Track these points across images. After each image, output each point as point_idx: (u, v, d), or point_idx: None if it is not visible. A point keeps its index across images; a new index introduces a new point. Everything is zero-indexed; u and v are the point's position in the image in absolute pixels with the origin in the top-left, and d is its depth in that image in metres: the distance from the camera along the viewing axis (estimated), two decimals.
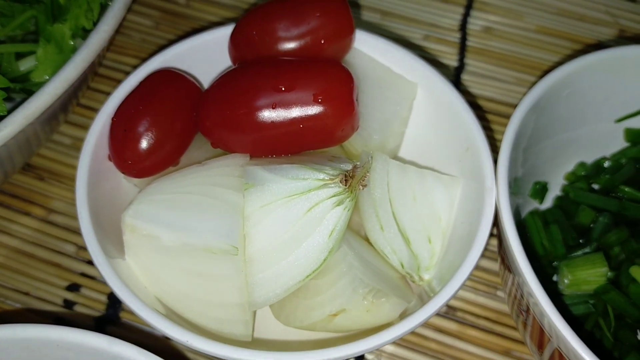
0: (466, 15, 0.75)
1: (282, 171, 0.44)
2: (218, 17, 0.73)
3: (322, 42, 0.50)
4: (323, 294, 0.44)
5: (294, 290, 0.44)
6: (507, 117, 0.67)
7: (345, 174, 0.43)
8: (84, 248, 0.58)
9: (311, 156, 0.47)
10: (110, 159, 0.48)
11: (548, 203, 0.57)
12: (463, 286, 0.46)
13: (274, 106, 0.46)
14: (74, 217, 0.60)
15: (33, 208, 0.61)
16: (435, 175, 0.50)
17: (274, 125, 0.46)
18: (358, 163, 0.44)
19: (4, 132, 0.45)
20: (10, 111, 0.48)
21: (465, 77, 0.70)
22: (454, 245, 0.48)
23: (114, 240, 0.47)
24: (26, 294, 0.57)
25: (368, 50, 0.54)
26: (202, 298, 0.45)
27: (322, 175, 0.43)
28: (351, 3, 0.73)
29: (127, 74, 0.68)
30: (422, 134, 0.54)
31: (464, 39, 0.73)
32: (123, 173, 0.48)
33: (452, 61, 0.72)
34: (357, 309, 0.43)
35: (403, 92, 0.53)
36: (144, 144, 0.46)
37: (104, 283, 0.56)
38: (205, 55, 0.54)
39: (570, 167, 0.58)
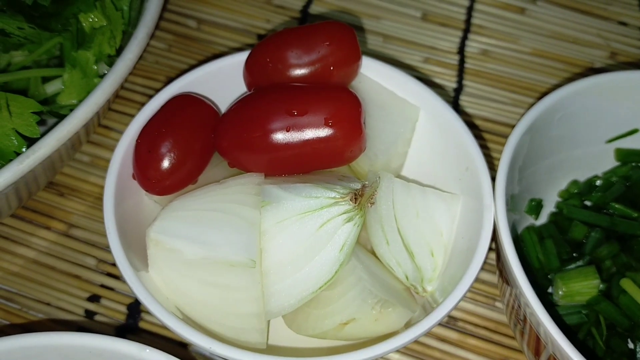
0: (464, 38, 0.79)
1: (296, 190, 0.47)
2: (228, 41, 0.77)
3: (331, 68, 0.53)
4: (334, 304, 0.47)
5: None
6: (504, 136, 0.71)
7: (355, 193, 0.46)
8: (103, 261, 0.62)
9: (322, 175, 0.51)
10: (134, 178, 0.51)
11: (543, 219, 0.61)
12: (464, 298, 0.49)
13: (287, 129, 0.49)
14: (93, 231, 0.63)
15: (53, 222, 0.64)
16: (436, 192, 0.53)
17: (287, 146, 0.49)
18: (366, 182, 0.47)
19: (38, 154, 0.48)
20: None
21: (464, 98, 0.74)
22: (455, 259, 0.51)
23: (137, 254, 0.50)
24: (47, 304, 0.60)
25: (373, 75, 0.57)
26: (219, 308, 0.48)
27: (333, 194, 0.46)
28: (354, 27, 0.77)
29: (142, 94, 0.72)
30: (424, 154, 0.57)
31: (462, 61, 0.77)
32: (146, 191, 0.51)
33: (451, 83, 0.75)
34: (366, 318, 0.46)
35: (406, 114, 0.56)
36: (167, 164, 0.50)
37: (124, 294, 0.60)
38: (220, 80, 0.57)
39: (563, 184, 0.62)
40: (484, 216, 0.49)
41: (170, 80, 0.72)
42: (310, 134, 0.49)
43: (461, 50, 0.78)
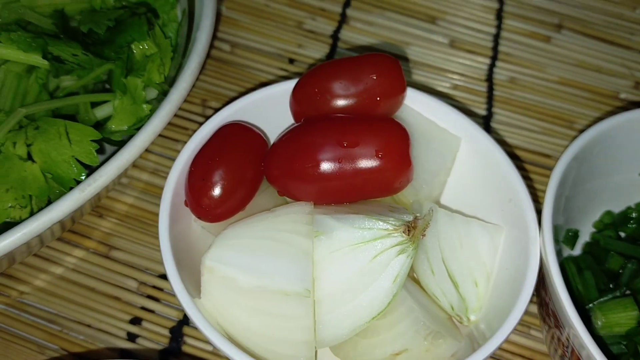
0: (492, 65, 0.80)
1: (349, 220, 0.48)
2: (262, 65, 0.78)
3: (378, 99, 0.55)
4: (384, 334, 0.48)
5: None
6: (535, 164, 0.73)
7: (408, 225, 0.48)
8: (144, 283, 0.63)
9: (371, 205, 0.52)
10: (186, 205, 0.52)
11: (577, 249, 0.62)
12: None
13: (338, 160, 0.50)
14: (132, 252, 0.64)
15: (94, 244, 0.64)
16: (480, 223, 0.54)
17: (337, 177, 0.50)
18: (418, 215, 0.49)
19: (98, 183, 0.49)
20: None
21: (494, 126, 0.75)
22: (499, 290, 0.52)
23: (188, 279, 0.50)
24: (88, 326, 0.60)
25: (415, 106, 0.59)
26: (270, 335, 0.48)
27: (386, 225, 0.47)
28: (382, 52, 0.78)
29: (178, 117, 0.73)
30: (464, 184, 0.58)
31: (490, 88, 0.78)
32: (199, 218, 0.52)
33: (480, 110, 0.76)
34: (418, 349, 0.47)
35: (448, 145, 0.57)
36: (219, 192, 0.51)
37: (166, 317, 0.60)
38: (266, 108, 0.58)
39: (597, 215, 0.63)
40: (530, 249, 0.50)
41: (204, 102, 0.73)
42: (360, 165, 0.50)
43: (489, 78, 0.79)
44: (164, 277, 0.63)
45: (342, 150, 0.50)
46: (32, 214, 0.52)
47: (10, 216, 0.50)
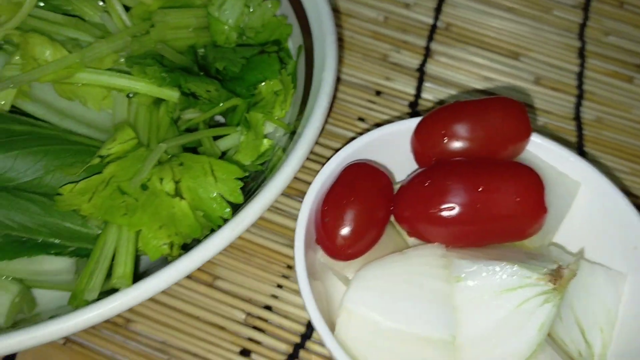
0: (578, 104, 0.81)
1: (491, 266, 0.48)
2: (350, 96, 0.79)
3: (503, 143, 0.55)
4: None
5: None
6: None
7: (553, 274, 0.48)
8: (251, 314, 0.63)
9: (503, 250, 0.52)
10: (317, 243, 0.52)
11: None
12: None
13: (473, 204, 0.50)
14: (237, 284, 0.64)
15: (199, 274, 0.65)
16: (603, 269, 0.54)
17: (471, 221, 0.51)
18: (562, 264, 0.49)
19: (246, 222, 0.49)
20: None
21: None
22: (624, 337, 0.52)
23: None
24: (195, 355, 0.60)
25: (534, 149, 0.59)
26: None
27: (531, 274, 0.48)
28: (465, 87, 0.79)
29: None
30: (585, 230, 0.58)
31: (579, 127, 0.79)
32: (331, 257, 0.52)
33: (572, 149, 0.77)
34: None
35: (568, 190, 0.58)
36: (353, 231, 0.51)
37: (273, 349, 0.61)
38: (384, 147, 0.58)
39: None
40: None
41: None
42: (495, 210, 0.51)
43: (577, 117, 0.80)
44: (268, 308, 0.63)
45: (477, 194, 0.51)
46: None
47: (164, 253, 0.51)
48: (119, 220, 0.51)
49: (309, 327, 0.62)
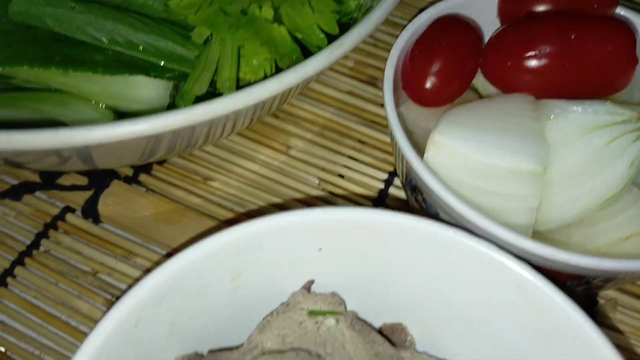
0: None
1: (583, 105, 0.48)
2: None
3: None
4: (608, 221, 0.48)
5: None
6: None
7: None
8: (324, 180, 0.64)
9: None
10: (403, 89, 0.53)
11: None
12: None
13: (564, 53, 0.50)
14: (311, 154, 0.65)
15: (272, 143, 0.66)
16: None
17: (560, 70, 0.51)
18: None
19: (345, 47, 0.48)
20: None
21: None
22: None
23: None
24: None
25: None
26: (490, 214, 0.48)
27: (624, 111, 0.48)
28: None
29: None
30: None
31: None
32: (416, 101, 0.53)
33: None
34: None
35: None
36: (441, 77, 0.51)
37: None
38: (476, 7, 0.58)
39: None
40: None
41: None
42: (585, 59, 0.50)
43: None
44: (341, 176, 0.64)
45: (567, 42, 0.51)
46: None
47: (265, 69, 0.52)
48: (223, 33, 0.52)
49: (381, 195, 0.63)
